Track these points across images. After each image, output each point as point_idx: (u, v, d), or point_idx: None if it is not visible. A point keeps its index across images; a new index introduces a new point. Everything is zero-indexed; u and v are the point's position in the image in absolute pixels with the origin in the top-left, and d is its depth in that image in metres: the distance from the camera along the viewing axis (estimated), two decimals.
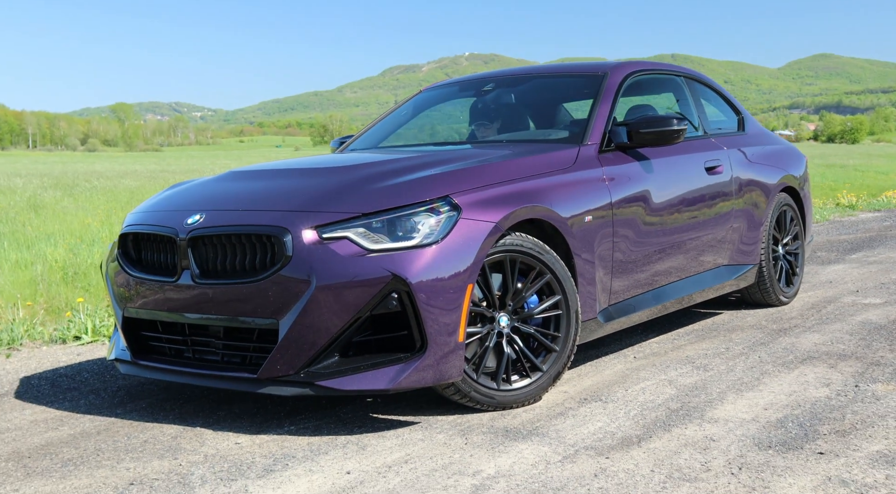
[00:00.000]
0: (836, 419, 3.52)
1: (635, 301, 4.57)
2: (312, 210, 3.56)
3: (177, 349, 3.84)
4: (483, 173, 3.86)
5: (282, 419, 3.76)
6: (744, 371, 4.29)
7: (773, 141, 6.20)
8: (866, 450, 3.16)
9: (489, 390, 3.73)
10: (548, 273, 3.86)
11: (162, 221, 3.87)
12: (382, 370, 3.45)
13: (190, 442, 3.49)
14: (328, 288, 3.39)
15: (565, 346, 3.93)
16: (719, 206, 5.18)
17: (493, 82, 5.44)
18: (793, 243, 6.09)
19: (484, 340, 3.74)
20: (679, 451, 3.21)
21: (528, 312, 3.85)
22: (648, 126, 4.52)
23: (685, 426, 3.49)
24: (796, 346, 4.78)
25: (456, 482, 2.98)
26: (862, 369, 4.27)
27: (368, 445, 3.40)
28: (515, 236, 3.79)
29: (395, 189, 3.66)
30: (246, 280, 3.52)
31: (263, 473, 3.12)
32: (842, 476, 2.92)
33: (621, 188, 4.40)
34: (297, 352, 3.45)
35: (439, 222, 3.54)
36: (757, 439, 3.31)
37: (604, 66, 5.10)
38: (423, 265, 3.44)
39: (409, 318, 3.44)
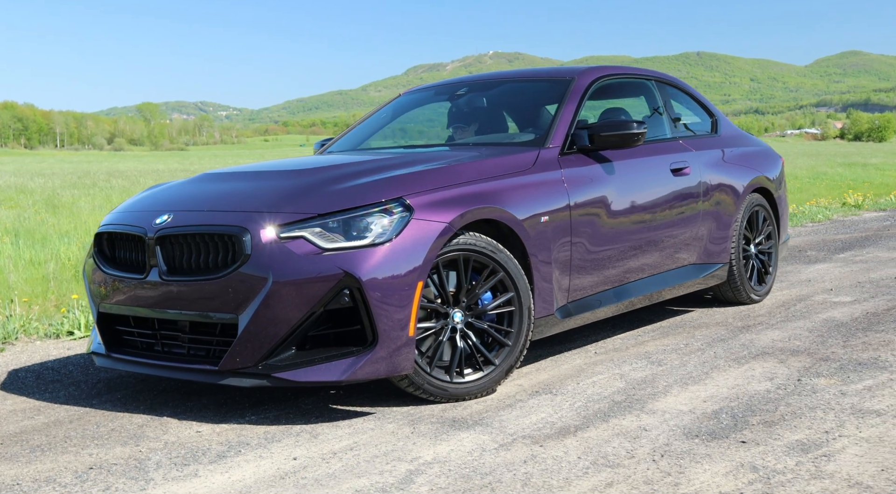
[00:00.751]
0: (768, 411, 3.68)
1: (596, 299, 4.73)
2: (271, 211, 3.76)
3: (147, 343, 4.05)
4: (438, 176, 4.05)
5: (244, 410, 3.96)
6: (695, 366, 4.45)
7: (748, 143, 6.35)
8: (787, 439, 3.32)
9: (442, 382, 3.91)
10: (501, 271, 4.04)
11: (133, 220, 4.08)
12: (335, 362, 3.64)
13: (154, 431, 3.70)
14: (284, 285, 3.59)
15: (517, 341, 4.10)
16: (685, 206, 5.33)
17: (466, 87, 5.63)
18: (766, 242, 6.23)
19: (438, 334, 3.93)
20: (610, 440, 3.38)
21: (481, 308, 4.03)
22: (609, 129, 4.69)
23: (623, 417, 3.66)
24: (754, 342, 4.94)
25: (393, 467, 3.17)
26: (810, 364, 4.43)
27: (321, 434, 3.59)
28: (469, 235, 3.97)
29: (351, 191, 3.85)
30: (208, 277, 3.73)
31: (216, 459, 3.32)
32: (754, 463, 3.08)
33: (581, 190, 4.57)
34: (255, 345, 3.64)
35: (392, 222, 3.73)
36: (687, 429, 3.48)
37: (572, 71, 5.27)
38: (375, 263, 3.63)
39: (361, 313, 3.64)
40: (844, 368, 4.33)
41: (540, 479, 3.00)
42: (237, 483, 3.06)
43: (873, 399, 3.80)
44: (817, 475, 2.96)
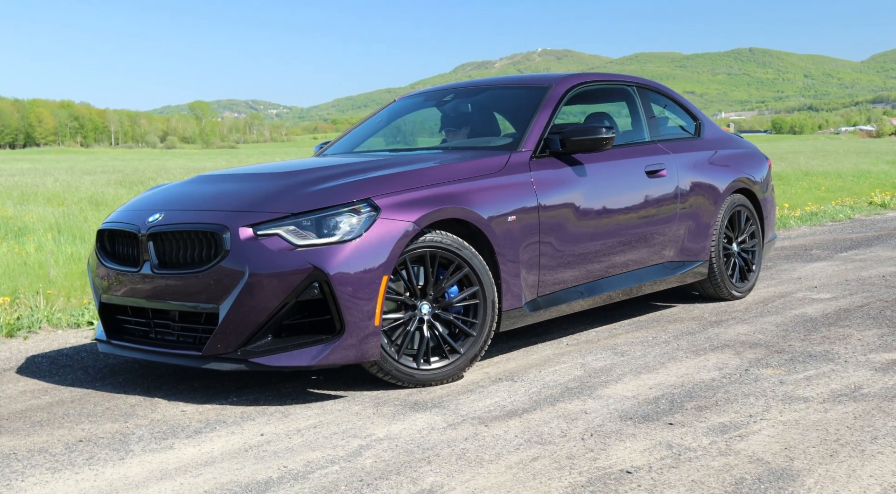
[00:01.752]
0: (705, 397, 3.97)
1: (566, 294, 5.03)
2: (250, 211, 4.13)
3: (143, 331, 4.44)
4: (407, 179, 4.39)
5: (229, 393, 4.33)
6: (654, 357, 4.74)
7: (732, 146, 6.60)
8: (711, 422, 3.61)
9: (409, 369, 4.25)
10: (466, 267, 4.37)
11: (130, 219, 4.48)
12: (307, 349, 4.00)
13: (144, 410, 4.08)
14: (259, 278, 3.96)
15: (482, 332, 4.43)
16: (661, 206, 5.61)
17: (452, 93, 5.97)
18: (749, 241, 6.48)
19: (406, 325, 4.27)
20: (550, 421, 3.70)
21: (448, 301, 4.37)
22: (579, 134, 5.00)
23: (570, 402, 3.97)
24: (719, 336, 5.21)
25: (347, 442, 3.51)
26: (763, 355, 4.70)
27: (292, 414, 3.95)
28: (436, 233, 4.31)
29: (324, 192, 4.21)
30: (193, 271, 4.11)
31: (192, 434, 3.69)
32: (671, 442, 3.38)
33: (550, 191, 4.87)
34: (234, 333, 4.01)
35: (360, 221, 4.08)
36: (625, 412, 3.79)
37: (550, 78, 5.58)
38: (342, 259, 3.98)
39: (330, 304, 3.99)
40: (794, 360, 4.59)
41: (474, 453, 3.33)
42: (205, 454, 3.43)
43: (807, 388, 4.07)
44: (725, 452, 3.26)
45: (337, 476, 3.15)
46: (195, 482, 3.14)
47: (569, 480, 3.05)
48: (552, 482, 3.04)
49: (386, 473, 3.17)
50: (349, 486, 3.06)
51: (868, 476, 3.00)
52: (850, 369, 4.38)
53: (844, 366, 4.43)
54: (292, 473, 3.20)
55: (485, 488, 3.01)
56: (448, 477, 3.11)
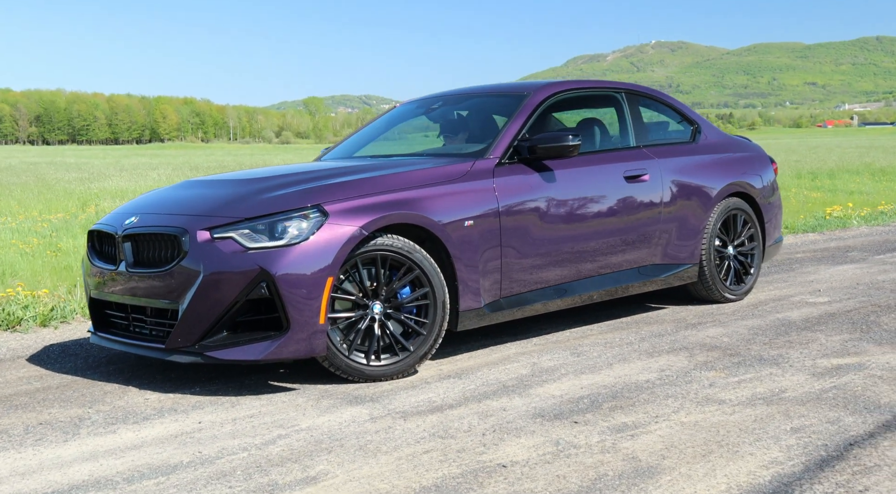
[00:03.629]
0: (626, 398, 4.14)
1: (533, 295, 5.23)
2: (209, 215, 4.47)
3: (124, 325, 4.83)
4: (362, 185, 4.66)
5: (198, 384, 4.67)
6: (608, 358, 4.90)
7: (733, 149, 6.65)
8: (615, 421, 3.79)
9: (359, 365, 4.53)
10: (417, 269, 4.62)
11: (112, 221, 4.87)
12: (256, 344, 4.32)
13: (112, 397, 4.46)
14: (212, 277, 4.29)
15: (432, 331, 4.67)
16: (641, 210, 5.74)
17: (441, 101, 6.22)
18: (748, 244, 6.53)
19: (357, 323, 4.54)
20: (465, 417, 3.92)
21: (399, 301, 4.62)
22: (545, 142, 5.19)
23: (496, 399, 4.18)
24: (687, 338, 5.33)
25: (269, 431, 3.81)
26: (715, 358, 4.81)
27: (240, 404, 4.27)
28: (387, 237, 4.57)
29: (279, 198, 4.52)
30: (158, 270, 4.47)
31: (140, 421, 4.04)
32: (562, 438, 3.58)
33: (514, 197, 5.07)
34: (192, 328, 4.36)
35: (308, 225, 4.38)
36: (541, 410, 3.98)
37: (529, 86, 5.77)
38: (288, 261, 4.28)
39: (276, 303, 4.30)
40: (742, 363, 4.70)
41: (375, 445, 3.59)
42: (138, 439, 3.77)
43: (733, 391, 4.19)
44: (606, 450, 3.44)
45: (240, 463, 3.44)
46: (113, 463, 3.48)
47: (444, 472, 3.29)
48: (428, 473, 3.28)
49: (284, 460, 3.45)
50: (245, 471, 3.35)
51: (723, 476, 3.14)
52: (788, 373, 4.47)
53: (785, 370, 4.52)
54: (202, 458, 3.51)
55: (365, 476, 3.27)
56: (338, 466, 3.38)
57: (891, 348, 4.93)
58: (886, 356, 4.74)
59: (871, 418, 3.73)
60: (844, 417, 3.76)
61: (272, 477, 3.28)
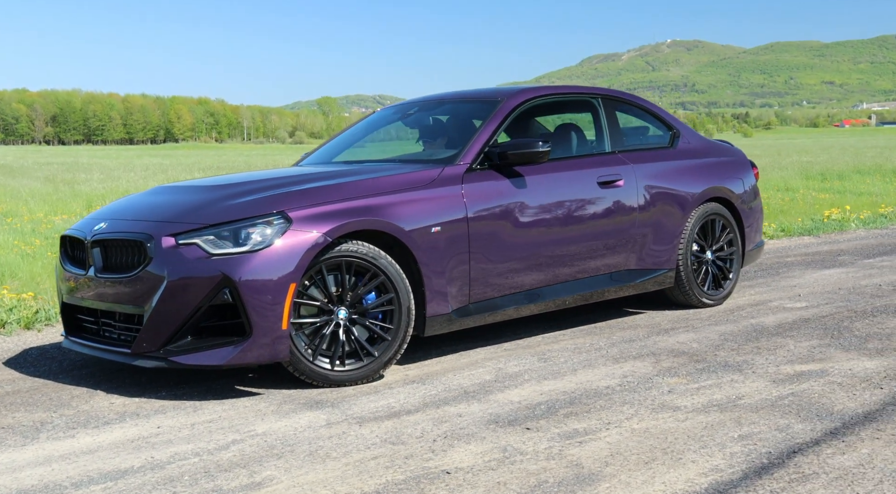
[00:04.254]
0: (584, 404, 4.16)
1: (504, 300, 5.25)
2: (174, 221, 4.52)
3: (94, 329, 4.88)
4: (327, 192, 4.70)
5: (167, 388, 4.72)
6: (574, 364, 4.93)
7: (713, 154, 6.66)
8: (566, 428, 3.81)
9: (323, 370, 4.57)
10: (382, 275, 4.66)
11: (83, 226, 4.93)
12: (219, 349, 4.37)
13: (79, 400, 4.51)
14: (175, 283, 4.34)
15: (396, 336, 4.71)
16: (615, 215, 5.76)
17: (416, 107, 6.26)
18: (727, 249, 6.54)
19: (322, 329, 4.58)
20: (419, 423, 3.96)
21: (365, 307, 4.66)
22: (515, 148, 5.22)
23: (455, 405, 4.22)
24: (656, 344, 5.35)
25: (224, 436, 3.85)
26: (680, 364, 4.83)
27: (204, 408, 4.32)
28: (352, 243, 4.61)
29: (244, 205, 4.56)
30: (125, 275, 4.52)
31: (100, 425, 4.09)
32: (510, 445, 3.61)
33: (482, 203, 5.10)
34: (157, 333, 4.41)
35: (272, 232, 4.42)
36: (496, 417, 4.01)
37: (503, 92, 5.80)
38: (250, 267, 4.33)
39: (239, 309, 4.34)
40: (706, 369, 4.71)
41: (326, 451, 3.63)
42: (95, 443, 3.81)
43: (691, 397, 4.22)
44: (552, 457, 3.47)
45: (189, 468, 3.49)
46: (65, 468, 3.53)
47: (388, 478, 3.32)
48: (371, 479, 3.31)
49: (233, 466, 3.49)
50: (192, 476, 3.39)
51: (661, 483, 3.17)
52: (750, 380, 4.49)
53: (747, 377, 4.54)
54: (154, 463, 3.55)
55: (309, 482, 3.30)
56: (284, 472, 3.41)
57: (857, 354, 4.94)
58: (851, 363, 4.75)
59: (820, 425, 3.75)
60: (794, 424, 3.77)
61: (218, 483, 3.32)
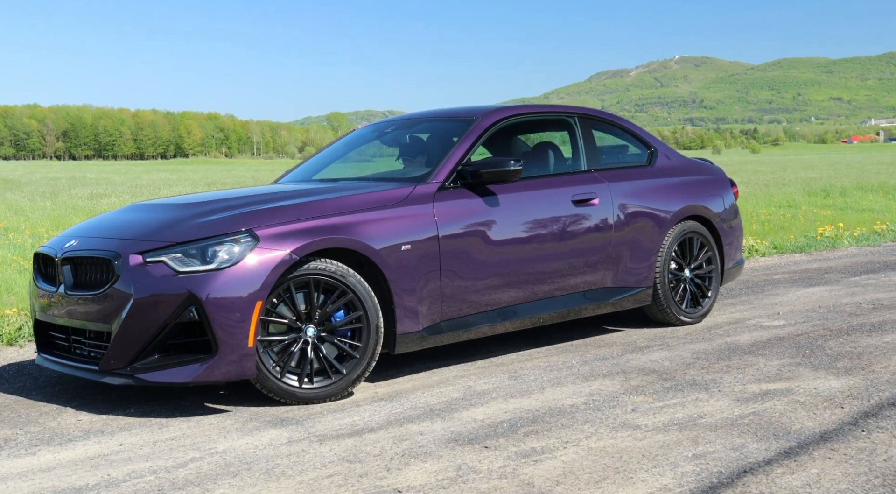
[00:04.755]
0: (546, 422, 4.17)
1: (476, 318, 5.27)
2: (142, 239, 4.56)
3: (64, 346, 4.91)
4: (296, 210, 4.74)
5: (135, 405, 4.74)
6: (543, 382, 4.94)
7: (691, 173, 6.68)
8: (524, 446, 3.83)
9: (291, 387, 4.59)
10: (350, 293, 4.69)
11: (55, 244, 4.97)
12: (185, 367, 4.39)
13: (47, 417, 4.54)
14: (142, 301, 4.38)
15: (364, 354, 4.73)
16: (590, 234, 5.78)
17: (394, 125, 6.31)
18: (706, 266, 6.55)
19: (290, 346, 4.61)
20: (380, 441, 3.97)
21: (333, 324, 4.69)
22: (487, 167, 5.25)
23: (418, 423, 4.23)
24: (629, 362, 5.36)
25: (183, 454, 3.87)
26: (647, 383, 4.84)
27: (169, 426, 4.34)
28: (321, 261, 4.64)
29: (210, 223, 4.60)
30: (93, 292, 4.56)
31: (63, 442, 4.11)
32: (465, 464, 3.62)
33: (454, 222, 5.13)
34: (124, 350, 4.44)
35: (239, 249, 4.45)
36: (457, 435, 4.03)
37: (478, 111, 5.83)
38: (216, 285, 4.36)
39: (205, 326, 4.37)
40: (673, 388, 4.72)
41: (282, 469, 3.65)
42: (54, 461, 3.84)
43: (652, 416, 4.22)
44: (505, 475, 3.48)
45: (144, 486, 3.51)
46: (20, 486, 3.55)
47: None
48: None
49: (187, 484, 3.51)
50: None
51: None
52: (714, 398, 4.50)
53: (712, 396, 4.55)
54: (109, 481, 3.57)
55: None
56: (238, 490, 3.43)
57: (825, 373, 4.94)
58: (817, 382, 4.75)
59: (775, 445, 3.76)
60: (750, 443, 3.78)
61: None
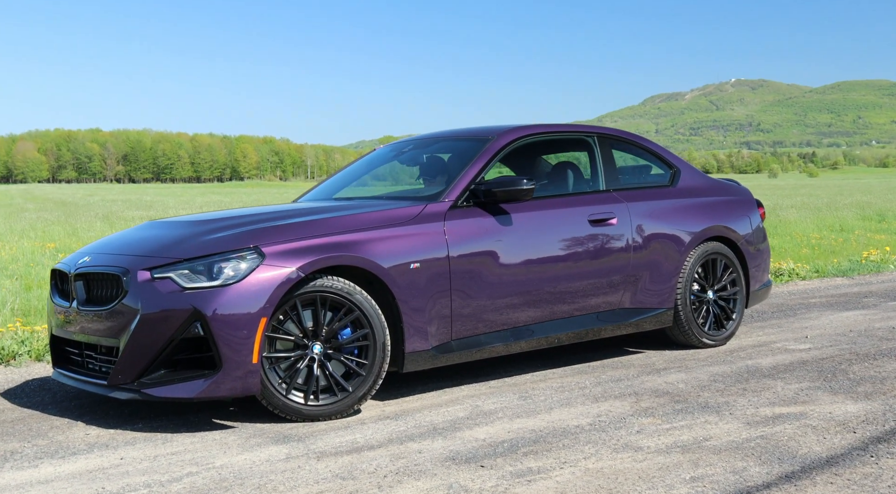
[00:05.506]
0: (547, 442, 4.12)
1: (488, 338, 5.24)
2: (152, 255, 4.60)
3: (78, 361, 4.96)
4: (304, 228, 4.75)
5: (143, 420, 4.77)
6: (551, 402, 4.88)
7: (716, 193, 6.60)
8: (521, 466, 3.78)
9: (296, 404, 4.59)
10: (357, 310, 4.68)
11: (70, 260, 5.04)
12: (190, 382, 4.42)
13: (57, 431, 4.58)
14: (149, 316, 4.41)
15: (371, 372, 4.72)
16: (607, 254, 5.72)
17: (411, 145, 6.32)
18: (730, 288, 6.45)
19: (297, 363, 4.61)
20: (377, 459, 3.95)
21: (339, 342, 4.69)
22: (500, 186, 5.23)
23: (420, 442, 4.20)
24: (644, 384, 5.28)
25: (181, 469, 3.88)
26: (659, 405, 4.76)
27: (174, 441, 4.36)
28: (327, 278, 4.64)
29: (220, 240, 4.63)
30: (103, 308, 4.61)
31: (67, 455, 4.15)
32: (458, 482, 3.59)
33: (465, 240, 5.11)
34: (132, 365, 4.48)
35: (245, 266, 4.47)
36: (456, 454, 3.99)
37: (493, 130, 5.81)
38: (222, 301, 4.38)
39: (210, 342, 4.39)
40: (685, 410, 4.64)
41: (274, 485, 3.64)
42: (54, 474, 3.87)
43: (658, 438, 4.15)
44: None
45: None
46: None
47: None
48: None
49: None
50: None
51: None
52: (724, 421, 4.41)
53: (723, 418, 4.46)
54: None
55: None
56: None
57: (844, 397, 4.83)
58: (833, 406, 4.64)
59: (778, 468, 3.67)
60: (752, 467, 3.69)
61: None
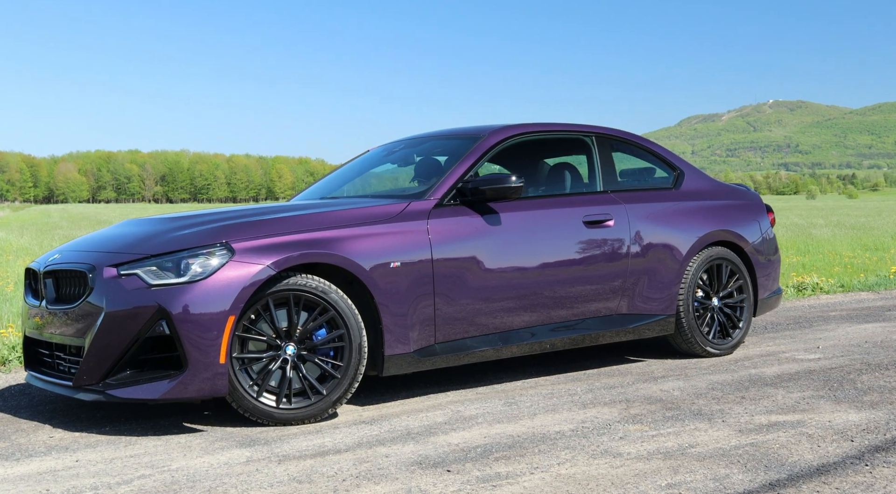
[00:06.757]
0: (522, 448, 3.90)
1: (475, 341, 5.02)
2: (118, 252, 4.44)
3: (48, 361, 4.81)
4: (277, 224, 4.57)
5: (111, 422, 4.60)
6: (536, 409, 4.66)
7: (722, 197, 6.35)
8: (490, 471, 3.57)
9: (268, 408, 4.40)
10: (332, 310, 4.49)
11: (42, 258, 4.89)
12: (155, 383, 4.24)
13: (21, 434, 4.42)
14: (113, 314, 4.25)
15: (346, 374, 4.52)
16: (603, 257, 5.49)
17: (402, 144, 6.13)
18: (737, 295, 6.19)
19: (269, 364, 4.42)
20: (339, 462, 3.75)
21: (314, 343, 4.49)
22: (487, 183, 5.03)
23: (389, 446, 4.00)
24: (638, 391, 5.04)
25: (135, 471, 3.70)
26: (649, 412, 4.52)
27: (136, 443, 4.18)
28: (300, 276, 4.46)
29: (189, 235, 4.46)
30: (69, 306, 4.45)
31: (22, 458, 3.98)
32: (419, 487, 3.38)
33: (450, 240, 4.91)
34: (97, 365, 4.31)
35: (214, 262, 4.30)
36: (424, 458, 3.78)
37: (485, 129, 5.61)
38: (187, 299, 4.21)
39: (175, 341, 4.22)
40: (675, 418, 4.40)
41: (226, 487, 3.45)
42: (5, 475, 3.71)
43: (639, 444, 3.92)
44: None
45: None
46: None
47: None
48: None
49: None
50: None
51: None
52: (715, 428, 4.16)
53: (714, 426, 4.22)
54: None
55: None
56: None
57: (847, 406, 4.56)
58: (834, 415, 4.38)
59: (763, 476, 3.42)
60: (735, 474, 3.45)
61: None
